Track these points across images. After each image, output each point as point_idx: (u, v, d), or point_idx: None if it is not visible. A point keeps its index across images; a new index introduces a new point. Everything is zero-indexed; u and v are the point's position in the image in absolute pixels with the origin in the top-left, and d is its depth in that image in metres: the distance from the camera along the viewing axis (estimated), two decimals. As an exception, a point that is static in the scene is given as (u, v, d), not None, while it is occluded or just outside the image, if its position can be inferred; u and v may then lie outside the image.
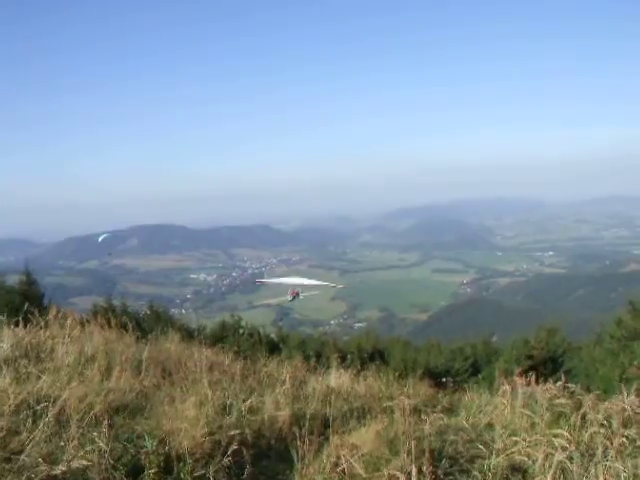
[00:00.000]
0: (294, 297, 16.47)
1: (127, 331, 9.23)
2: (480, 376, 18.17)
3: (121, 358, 6.74)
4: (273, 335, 23.34)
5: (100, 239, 32.98)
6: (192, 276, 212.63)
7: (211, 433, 4.44)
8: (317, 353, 19.08)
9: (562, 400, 5.69)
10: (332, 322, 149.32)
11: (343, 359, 15.14)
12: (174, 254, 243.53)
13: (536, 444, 4.60)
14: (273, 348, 20.06)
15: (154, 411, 5.14)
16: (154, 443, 4.18)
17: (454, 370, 18.96)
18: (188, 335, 16.35)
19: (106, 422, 4.49)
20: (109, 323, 9.33)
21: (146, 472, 3.98)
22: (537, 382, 7.05)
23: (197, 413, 4.59)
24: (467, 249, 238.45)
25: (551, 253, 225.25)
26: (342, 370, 9.79)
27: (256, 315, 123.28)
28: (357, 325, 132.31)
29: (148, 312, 19.70)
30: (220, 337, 20.18)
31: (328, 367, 9.85)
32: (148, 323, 17.20)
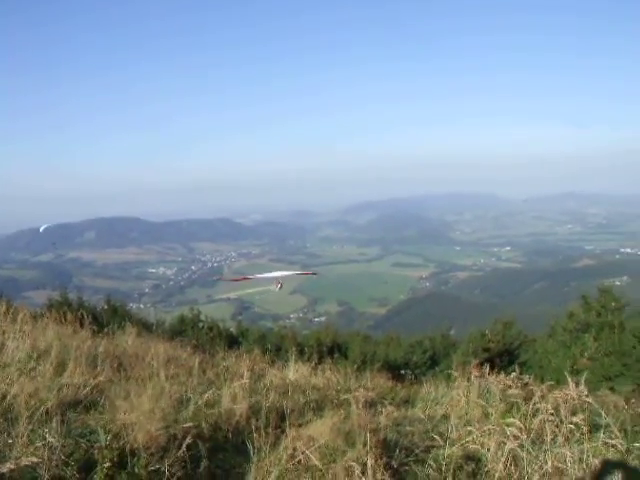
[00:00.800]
0: (280, 287, 17.22)
1: (83, 325, 9.07)
2: (438, 368, 18.49)
3: (76, 353, 6.59)
4: (233, 329, 23.31)
5: (41, 229, 31.90)
6: (151, 270, 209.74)
7: (167, 427, 4.38)
8: (277, 347, 19.15)
9: (515, 391, 5.84)
10: (292, 316, 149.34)
11: (302, 352, 15.20)
12: (133, 247, 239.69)
13: (489, 433, 4.71)
14: (232, 342, 20.06)
15: (109, 406, 5.05)
16: (108, 438, 4.09)
17: (413, 363, 19.26)
18: (146, 329, 16.19)
19: (58, 418, 4.38)
20: (64, 317, 9.13)
21: (99, 467, 3.91)
22: (493, 374, 7.19)
23: (153, 407, 4.52)
24: (427, 244, 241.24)
25: (508, 248, 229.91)
26: (301, 363, 9.79)
27: (216, 309, 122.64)
28: (317, 319, 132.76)
29: (105, 306, 19.43)
30: (179, 331, 20.07)
31: (287, 360, 9.85)
32: (105, 317, 16.95)
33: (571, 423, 4.53)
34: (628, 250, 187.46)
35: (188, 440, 4.02)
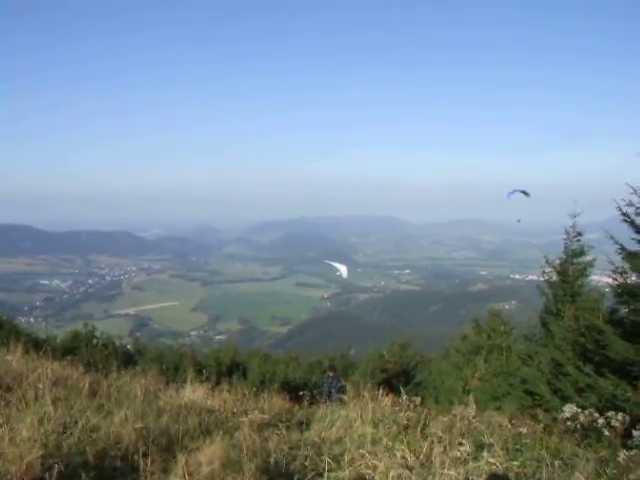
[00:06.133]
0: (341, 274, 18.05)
1: (-39, 342, 8.46)
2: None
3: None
4: (129, 346, 22.57)
5: None
6: (43, 282, 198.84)
7: (48, 456, 4.12)
8: (175, 365, 18.71)
9: (408, 413, 6.00)
10: (192, 333, 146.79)
11: (201, 372, 14.90)
12: (24, 257, 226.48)
13: (380, 456, 4.80)
14: (128, 360, 19.40)
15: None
16: (-26, 471, 3.73)
17: (312, 383, 19.34)
18: (35, 346, 15.34)
19: None
20: (-60, 333, 8.48)
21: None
22: (389, 395, 7.35)
23: (34, 434, 4.25)
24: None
25: (408, 271, 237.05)
26: (198, 384, 9.59)
27: (113, 325, 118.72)
28: (217, 337, 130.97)
29: (-11, 320, 18.28)
30: (71, 348, 19.17)
31: (184, 380, 9.62)
32: (-12, 333, 15.92)
33: (459, 444, 4.71)
34: (517, 276, 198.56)
35: (72, 469, 3.81)
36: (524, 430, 5.94)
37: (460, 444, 4.82)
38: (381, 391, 7.08)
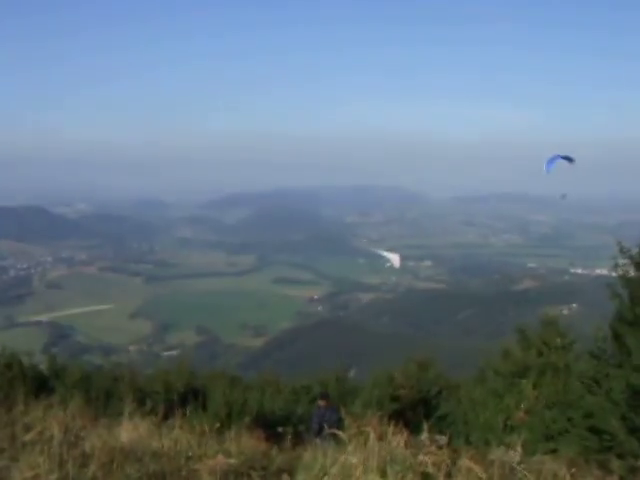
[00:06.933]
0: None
1: None
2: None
3: None
4: (43, 367, 22.52)
5: None
6: None
7: None
8: (107, 393, 18.72)
9: (428, 457, 6.00)
10: (131, 348, 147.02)
11: (143, 402, 14.92)
12: None
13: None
14: (42, 386, 19.36)
15: None
16: None
17: (297, 416, 19.39)
18: None
19: None
20: None
21: None
22: (403, 432, 7.36)
23: None
24: (321, 253, 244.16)
25: (428, 263, 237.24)
26: (140, 418, 9.62)
27: (19, 337, 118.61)
28: (166, 353, 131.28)
29: None
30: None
31: (120, 414, 9.64)
32: None
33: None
34: (579, 270, 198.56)
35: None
36: (589, 482, 5.97)
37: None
38: (392, 427, 7.09)
